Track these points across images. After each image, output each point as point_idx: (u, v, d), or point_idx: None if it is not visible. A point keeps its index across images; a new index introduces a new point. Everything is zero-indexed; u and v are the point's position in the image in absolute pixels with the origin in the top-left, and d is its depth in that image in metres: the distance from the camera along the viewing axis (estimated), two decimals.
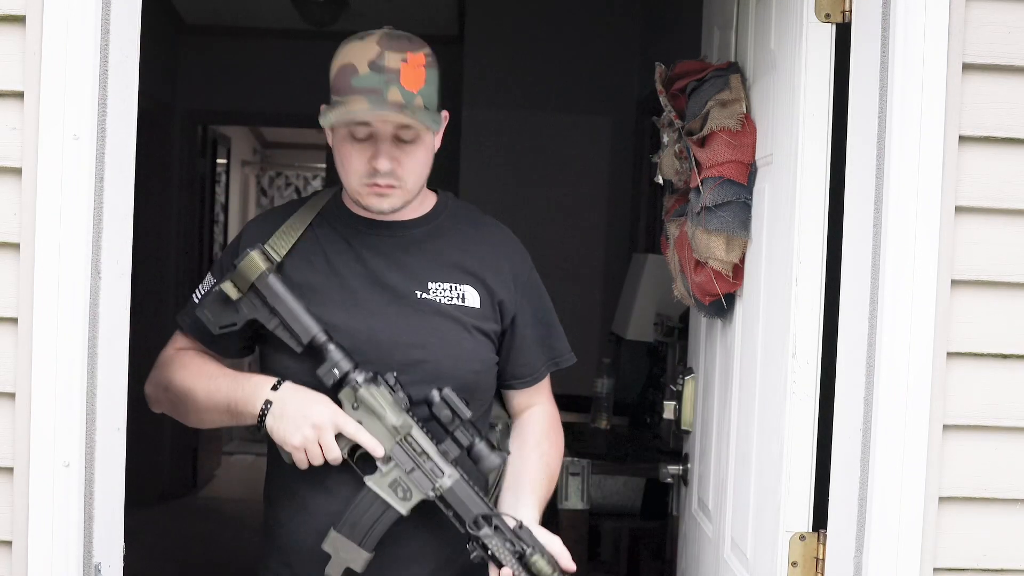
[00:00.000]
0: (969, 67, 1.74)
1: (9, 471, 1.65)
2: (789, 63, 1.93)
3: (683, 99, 2.30)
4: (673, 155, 2.32)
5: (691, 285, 2.29)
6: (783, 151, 1.96)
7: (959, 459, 1.77)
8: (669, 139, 2.35)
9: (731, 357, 2.24)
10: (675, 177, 2.34)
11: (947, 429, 1.76)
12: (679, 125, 2.29)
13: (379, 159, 1.79)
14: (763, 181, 2.08)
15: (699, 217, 2.14)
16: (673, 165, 2.32)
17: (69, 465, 1.64)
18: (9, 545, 1.65)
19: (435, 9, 5.88)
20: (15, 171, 1.64)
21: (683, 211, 2.34)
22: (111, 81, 1.65)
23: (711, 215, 2.11)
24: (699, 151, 2.17)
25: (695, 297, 2.31)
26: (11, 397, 1.65)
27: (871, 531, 1.76)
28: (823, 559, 1.83)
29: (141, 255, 2.17)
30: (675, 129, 2.31)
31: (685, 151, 2.24)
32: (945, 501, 1.76)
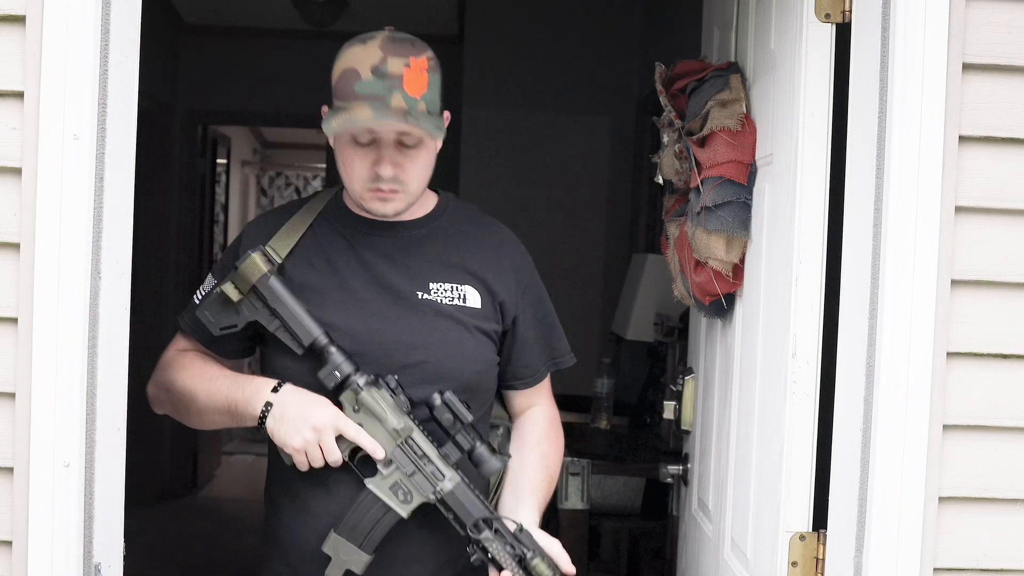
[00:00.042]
0: (969, 67, 1.74)
1: (9, 471, 1.65)
2: (789, 63, 1.93)
3: (683, 99, 2.30)
4: (673, 155, 2.32)
5: (691, 285, 2.29)
6: (783, 151, 1.96)
7: (959, 459, 1.77)
8: (669, 139, 2.35)
9: (731, 357, 2.24)
10: (675, 177, 2.34)
11: (947, 429, 1.76)
12: (679, 125, 2.29)
13: (382, 165, 1.79)
14: (763, 181, 2.08)
15: (699, 217, 2.14)
16: (673, 165, 2.32)
17: (69, 465, 1.63)
18: (9, 545, 1.65)
19: (435, 9, 5.88)
20: (15, 171, 1.64)
21: (683, 211, 2.34)
22: (111, 81, 1.65)
23: (711, 215, 2.11)
24: (699, 151, 2.17)
25: (695, 297, 2.31)
26: (11, 397, 1.65)
27: (871, 531, 1.76)
28: (823, 559, 1.83)
29: (141, 255, 2.17)
30: (675, 129, 2.31)
31: (685, 151, 2.24)
32: (945, 501, 1.76)
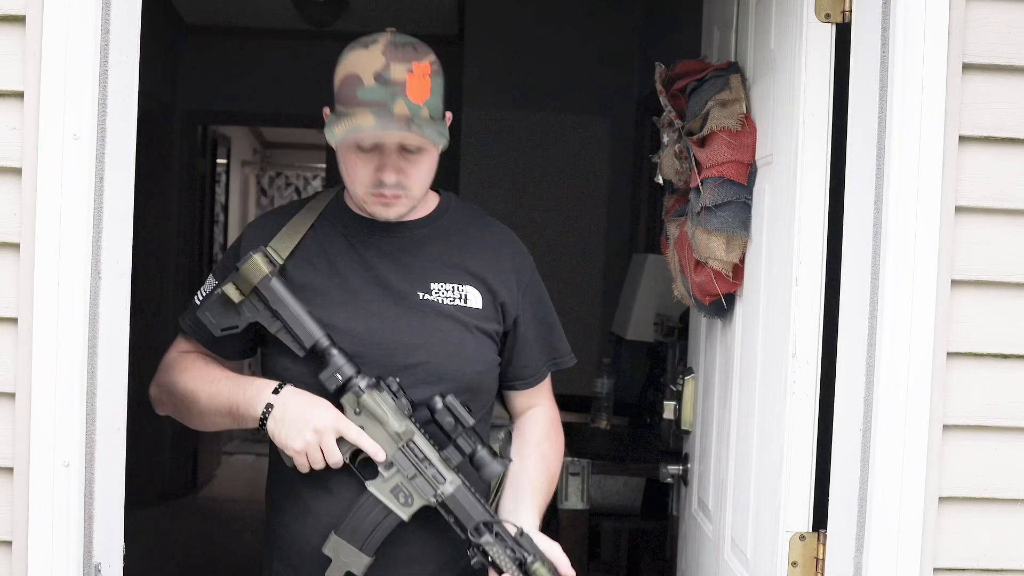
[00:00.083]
0: (969, 67, 1.74)
1: (9, 471, 1.65)
2: (789, 63, 1.93)
3: (683, 99, 2.30)
4: (673, 155, 2.32)
5: (691, 285, 2.29)
6: (783, 151, 1.96)
7: (959, 459, 1.77)
8: (669, 139, 2.35)
9: (731, 357, 2.24)
10: (675, 177, 2.34)
11: (947, 429, 1.76)
12: (679, 125, 2.29)
13: (386, 172, 1.79)
14: (763, 181, 2.08)
15: (699, 217, 2.14)
16: (673, 165, 2.32)
17: (69, 465, 1.63)
18: (9, 545, 1.65)
19: (435, 9, 5.88)
20: (15, 171, 1.64)
21: (683, 211, 2.34)
22: (111, 81, 1.65)
23: (711, 215, 2.11)
24: (699, 151, 2.17)
25: (695, 297, 2.31)
26: (11, 397, 1.65)
27: (871, 531, 1.76)
28: (823, 559, 1.83)
29: (141, 255, 2.16)
30: (675, 129, 2.31)
31: (685, 151, 2.24)
32: (945, 501, 1.76)
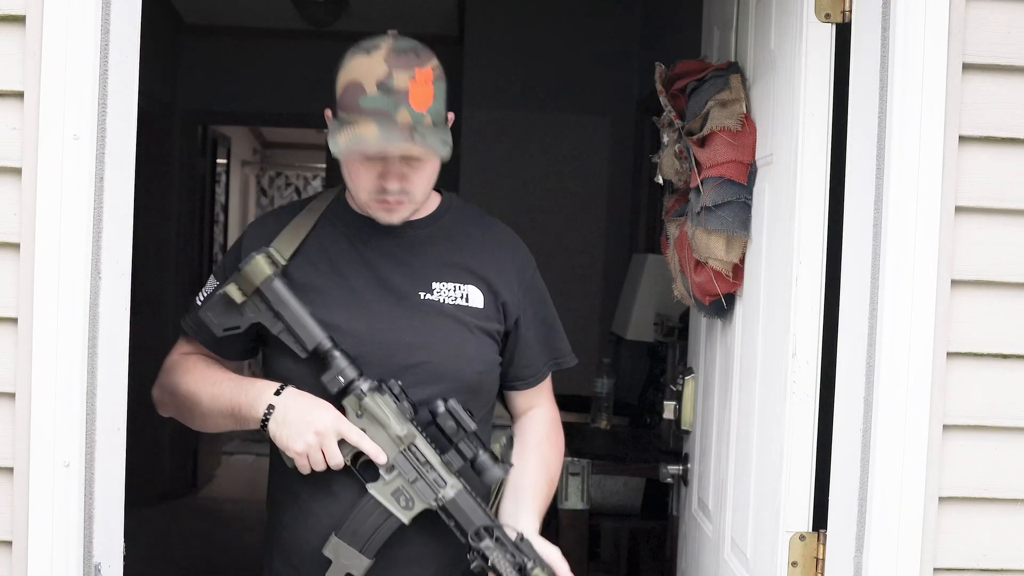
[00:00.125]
0: (969, 67, 1.74)
1: (9, 471, 1.65)
2: (789, 63, 1.93)
3: (683, 99, 2.30)
4: (673, 155, 2.32)
5: (691, 285, 2.29)
6: (783, 151, 1.96)
7: (959, 459, 1.77)
8: (669, 139, 2.35)
9: (731, 357, 2.24)
10: (675, 177, 2.34)
11: (947, 429, 1.76)
12: (679, 125, 2.29)
13: (389, 179, 1.79)
14: (763, 181, 2.08)
15: (699, 217, 2.14)
16: (673, 165, 2.32)
17: (69, 465, 1.63)
18: (9, 545, 1.65)
19: (435, 9, 5.88)
20: (15, 171, 1.64)
21: (683, 211, 2.34)
22: (111, 81, 1.65)
23: (711, 215, 2.11)
24: (699, 151, 2.17)
25: (695, 297, 2.31)
26: (11, 397, 1.65)
27: (871, 531, 1.76)
28: (823, 559, 1.83)
29: (141, 255, 2.16)
30: (675, 129, 2.31)
31: (685, 151, 2.24)
32: (945, 501, 1.76)
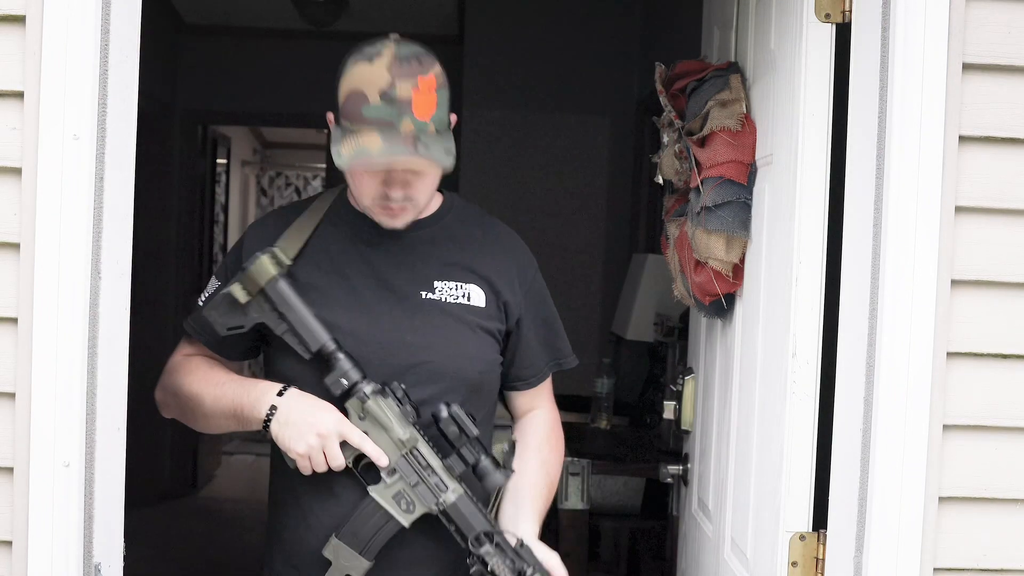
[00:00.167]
0: (969, 67, 1.74)
1: (9, 471, 1.65)
2: (789, 63, 1.93)
3: (683, 99, 2.30)
4: (673, 155, 2.32)
5: (691, 285, 2.29)
6: (783, 151, 1.96)
7: (959, 459, 1.77)
8: (669, 139, 2.35)
9: (731, 357, 2.24)
10: (675, 177, 2.34)
11: (947, 429, 1.76)
12: (679, 125, 2.29)
13: (392, 188, 1.79)
14: (763, 181, 2.08)
15: (699, 217, 2.14)
16: (673, 165, 2.32)
17: (69, 465, 1.63)
18: (9, 545, 1.65)
19: (435, 9, 5.88)
20: (15, 171, 1.64)
21: (683, 211, 2.34)
22: (111, 81, 1.65)
23: (711, 215, 2.11)
24: (699, 151, 2.17)
25: (695, 297, 2.31)
26: (11, 397, 1.65)
27: (871, 531, 1.76)
28: (823, 559, 1.83)
29: (141, 255, 2.16)
30: (675, 129, 2.31)
31: (685, 151, 2.24)
32: (945, 501, 1.76)
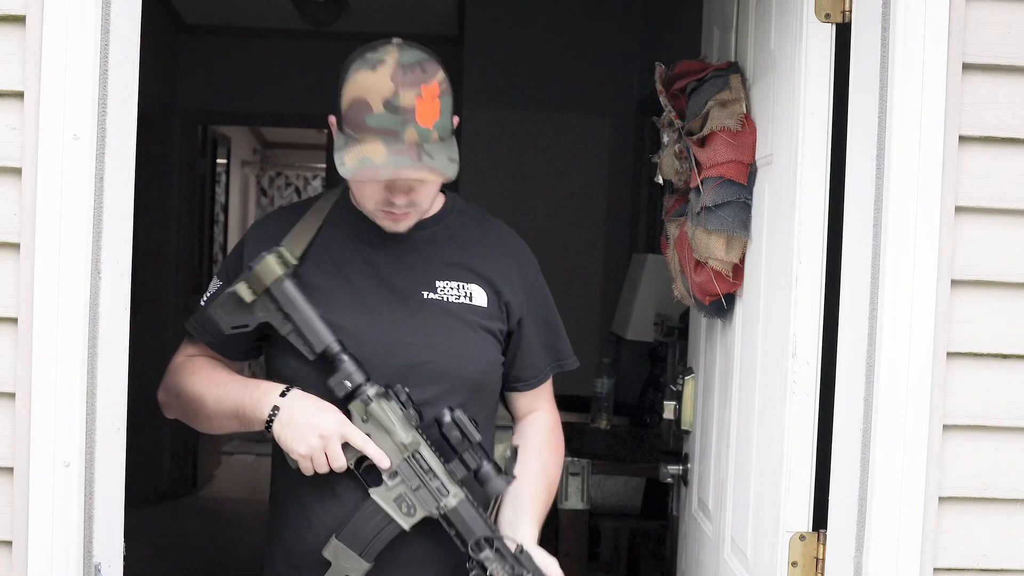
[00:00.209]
0: (969, 67, 1.74)
1: (9, 471, 1.65)
2: (789, 63, 1.93)
3: (683, 99, 2.30)
4: (673, 155, 2.32)
5: (691, 285, 2.29)
6: (783, 151, 1.96)
7: (959, 459, 1.77)
8: (669, 139, 2.35)
9: (731, 357, 2.24)
10: (675, 177, 2.34)
11: (947, 429, 1.76)
12: (679, 125, 2.29)
13: (396, 195, 1.79)
14: (763, 181, 2.08)
15: (699, 217, 2.14)
16: (673, 165, 2.32)
17: (69, 465, 1.63)
18: (9, 545, 1.65)
19: (435, 9, 5.88)
20: (15, 171, 1.64)
21: (683, 211, 2.34)
22: (111, 81, 1.65)
23: (711, 215, 2.11)
24: (699, 151, 2.17)
25: (695, 297, 2.31)
26: (11, 397, 1.65)
27: (871, 531, 1.76)
28: (823, 559, 1.83)
29: (141, 255, 2.16)
30: (675, 129, 2.31)
31: (685, 151, 2.24)
32: (945, 501, 1.76)
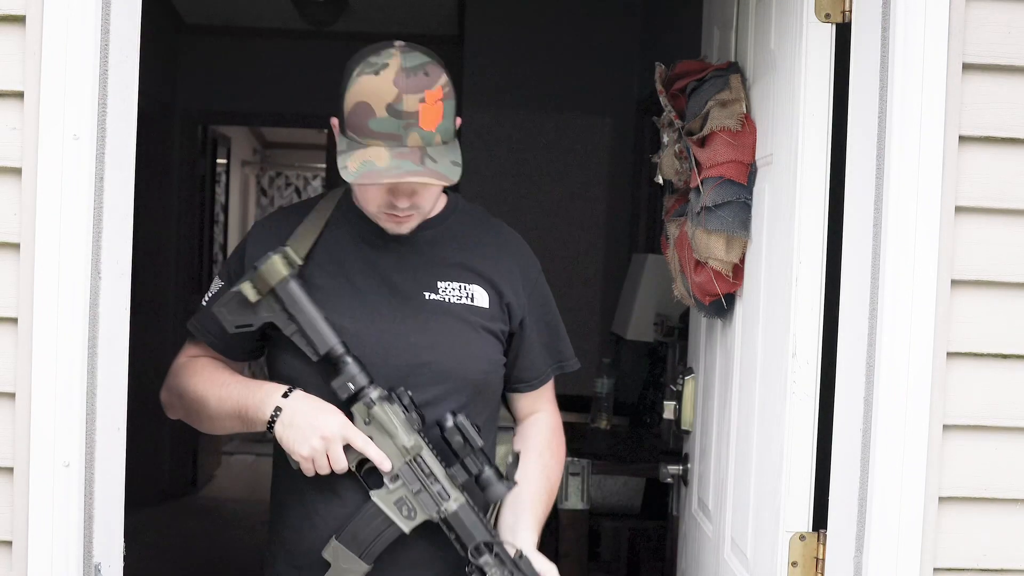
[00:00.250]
0: (969, 67, 1.74)
1: (9, 471, 1.65)
2: (789, 63, 1.93)
3: (683, 99, 2.30)
4: (673, 155, 2.32)
5: (691, 285, 2.29)
6: (783, 151, 1.96)
7: (959, 459, 1.77)
8: (669, 139, 2.35)
9: (731, 357, 2.24)
10: (675, 177, 2.34)
11: (947, 429, 1.76)
12: (679, 125, 2.29)
13: (399, 198, 1.79)
14: (763, 181, 2.08)
15: (699, 217, 2.14)
16: (673, 165, 2.32)
17: (69, 465, 1.63)
18: (9, 545, 1.65)
19: (435, 9, 5.88)
20: (15, 171, 1.64)
21: (683, 211, 2.34)
22: (111, 81, 1.65)
23: (711, 215, 2.11)
24: (699, 151, 2.17)
25: (695, 297, 2.31)
26: (11, 397, 1.65)
27: (871, 531, 1.76)
28: (823, 559, 1.83)
29: (141, 255, 2.16)
30: (675, 129, 2.31)
31: (685, 151, 2.24)
32: (945, 501, 1.76)
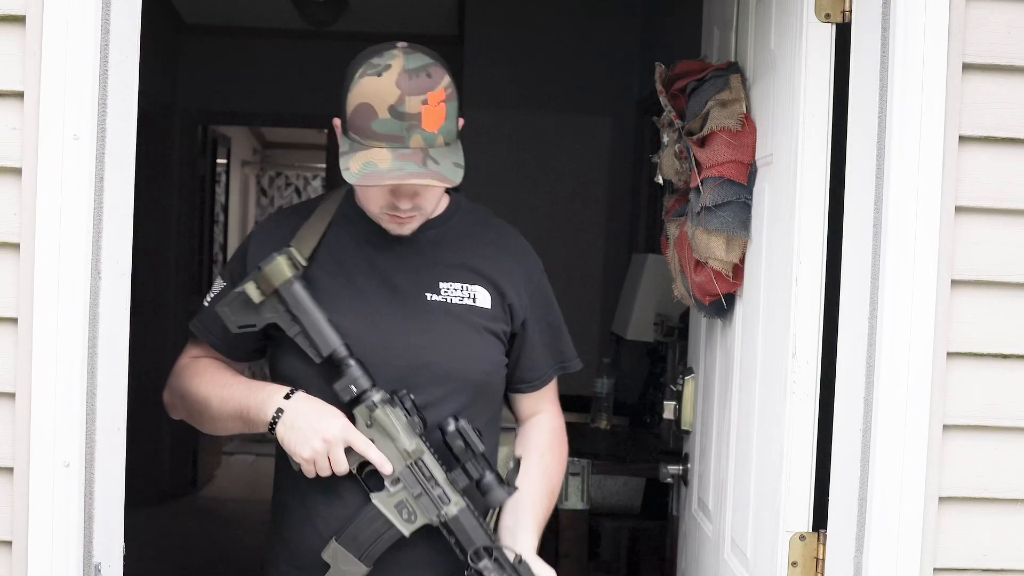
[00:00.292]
0: (969, 67, 1.74)
1: (9, 471, 1.65)
2: (789, 63, 1.93)
3: (683, 99, 2.30)
4: (673, 155, 2.32)
5: (691, 285, 2.29)
6: (783, 151, 1.96)
7: (959, 459, 1.77)
8: (669, 139, 2.35)
9: (731, 357, 2.24)
10: (675, 177, 2.34)
11: (947, 429, 1.76)
12: (679, 125, 2.29)
13: (401, 199, 1.79)
14: (763, 181, 2.08)
15: (699, 217, 2.14)
16: (673, 165, 2.32)
17: (69, 465, 1.64)
18: (9, 545, 1.65)
19: (435, 9, 5.88)
20: (15, 171, 1.64)
21: (683, 211, 2.34)
22: (111, 81, 1.65)
23: (711, 215, 2.11)
24: (699, 151, 2.17)
25: (695, 297, 2.31)
26: (11, 397, 1.65)
27: (871, 531, 1.76)
28: (823, 559, 1.83)
29: (141, 255, 2.16)
30: (675, 129, 2.31)
31: (685, 151, 2.24)
32: (945, 501, 1.76)
